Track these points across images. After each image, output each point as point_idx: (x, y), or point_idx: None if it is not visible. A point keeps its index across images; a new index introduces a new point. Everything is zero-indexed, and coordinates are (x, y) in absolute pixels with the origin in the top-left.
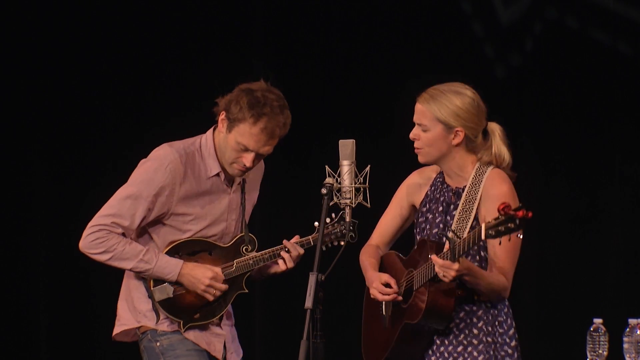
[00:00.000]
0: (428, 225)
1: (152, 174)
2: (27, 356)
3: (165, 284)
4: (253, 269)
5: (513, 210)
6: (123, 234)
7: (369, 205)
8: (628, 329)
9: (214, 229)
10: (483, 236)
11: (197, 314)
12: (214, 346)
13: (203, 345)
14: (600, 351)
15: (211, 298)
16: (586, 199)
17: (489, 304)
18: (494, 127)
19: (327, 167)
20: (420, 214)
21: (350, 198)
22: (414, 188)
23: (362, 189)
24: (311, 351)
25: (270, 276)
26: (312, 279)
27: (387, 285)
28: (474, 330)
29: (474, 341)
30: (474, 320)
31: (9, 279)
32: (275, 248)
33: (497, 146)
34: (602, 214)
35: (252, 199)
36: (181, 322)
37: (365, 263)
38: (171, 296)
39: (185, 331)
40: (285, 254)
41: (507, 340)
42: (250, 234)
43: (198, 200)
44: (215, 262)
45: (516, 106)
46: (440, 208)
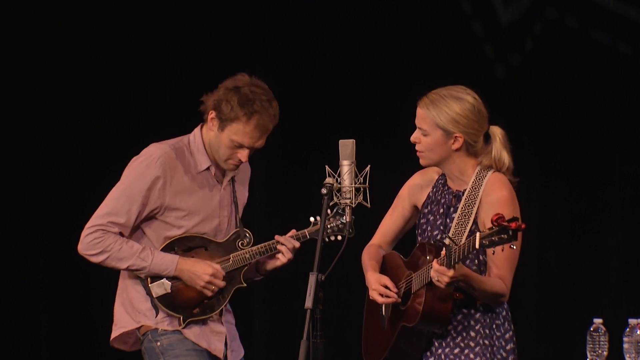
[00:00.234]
0: (429, 227)
1: (144, 169)
2: (27, 356)
3: (163, 280)
4: (250, 263)
5: (507, 221)
6: (120, 234)
7: (369, 205)
8: (628, 329)
9: (207, 226)
10: (477, 246)
11: (196, 309)
12: (214, 345)
13: (203, 345)
14: (600, 351)
15: (210, 294)
16: (586, 199)
17: (487, 308)
18: (495, 131)
19: (327, 167)
20: (422, 215)
21: (350, 198)
22: (416, 189)
23: (362, 189)
24: (311, 351)
25: (268, 272)
26: (312, 279)
27: (387, 287)
28: (472, 333)
29: (471, 344)
30: (472, 323)
31: (9, 279)
32: (272, 241)
33: (497, 150)
34: (602, 214)
35: (242, 198)
36: (181, 318)
37: (366, 264)
38: (169, 292)
39: (185, 327)
40: (281, 246)
41: (503, 343)
42: (245, 228)
43: (190, 196)
44: (211, 257)
45: (516, 106)
46: (441, 210)
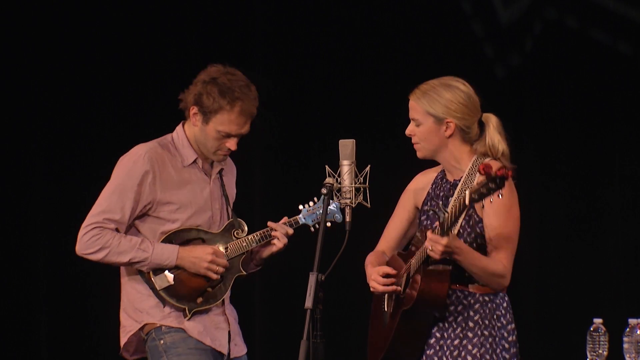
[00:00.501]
0: (429, 221)
1: (132, 165)
2: (27, 356)
3: (165, 272)
4: (247, 251)
5: (494, 169)
6: (116, 230)
7: (369, 205)
8: (628, 329)
9: (200, 218)
10: (467, 201)
11: (199, 299)
12: (218, 341)
13: (207, 342)
14: (600, 351)
15: (214, 276)
16: (586, 199)
17: (487, 298)
18: (489, 118)
19: (327, 167)
20: (422, 212)
21: (350, 198)
22: (417, 191)
23: (362, 189)
24: (311, 351)
25: (265, 260)
26: (312, 279)
27: (387, 276)
28: (470, 324)
29: (469, 334)
30: (471, 313)
31: (9, 279)
32: (266, 229)
33: (491, 137)
34: (602, 214)
35: (232, 193)
36: (186, 308)
37: (367, 263)
38: (172, 283)
39: (189, 322)
40: (275, 232)
41: (504, 334)
42: (238, 218)
43: (180, 189)
44: None
45: (516, 106)
46: (440, 203)
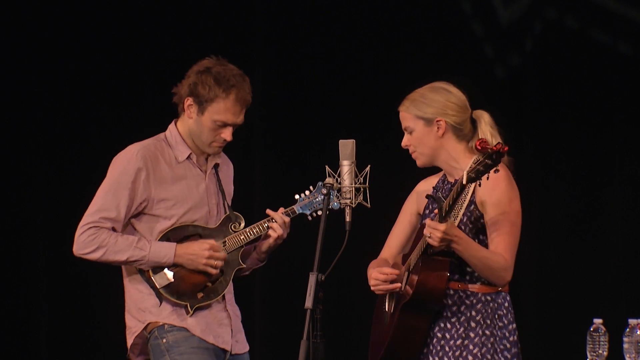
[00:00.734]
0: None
1: (125, 163)
2: (27, 356)
3: (164, 270)
4: (245, 245)
5: (490, 145)
6: (113, 229)
7: (369, 205)
8: (628, 329)
9: (197, 213)
10: (465, 181)
11: (200, 294)
12: (221, 338)
13: (210, 340)
14: (600, 351)
15: (213, 271)
16: (586, 199)
17: (488, 297)
18: (480, 114)
19: (327, 167)
20: (423, 216)
21: (350, 198)
22: (419, 196)
23: (362, 189)
24: (311, 351)
25: (266, 254)
26: (312, 279)
27: (386, 274)
28: (472, 323)
29: (471, 334)
30: (473, 313)
31: (9, 279)
32: (263, 221)
33: (483, 132)
34: (602, 214)
35: (229, 190)
36: (187, 305)
37: (369, 269)
38: (172, 280)
39: (192, 318)
40: (273, 223)
41: (506, 334)
42: (235, 212)
43: (175, 185)
44: None
45: (516, 106)
46: (439, 192)
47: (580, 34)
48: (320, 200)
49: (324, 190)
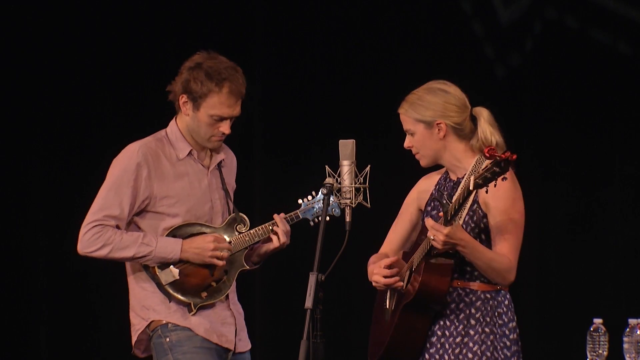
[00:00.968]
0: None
1: (127, 161)
2: (27, 356)
3: (170, 267)
4: (249, 246)
5: (498, 153)
6: (117, 227)
7: (369, 205)
8: (628, 329)
9: (200, 209)
10: (472, 186)
11: (204, 293)
12: (225, 337)
13: (214, 340)
14: (600, 351)
15: (220, 262)
16: (586, 199)
17: (488, 295)
18: (480, 111)
19: (327, 167)
20: (425, 214)
21: (350, 198)
22: (421, 193)
23: (362, 189)
24: (311, 351)
25: (263, 258)
26: (312, 279)
27: (388, 269)
28: (472, 321)
29: (471, 331)
30: (472, 311)
31: (9, 279)
32: (268, 223)
33: (483, 129)
34: (602, 214)
35: (232, 184)
36: (191, 303)
37: (370, 265)
38: (177, 278)
39: (195, 317)
40: (277, 229)
41: (506, 332)
42: (240, 213)
43: (176, 182)
44: None
45: (516, 106)
46: (445, 194)
47: (580, 34)
48: (319, 208)
49: (324, 190)
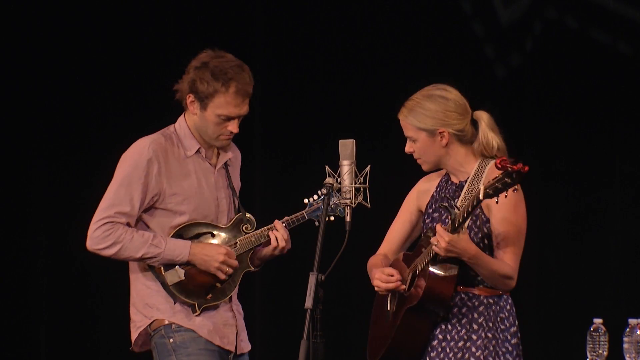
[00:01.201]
0: (434, 224)
1: (137, 157)
2: (27, 356)
3: (176, 268)
4: (255, 246)
5: (510, 164)
6: (127, 224)
7: (369, 205)
8: (628, 329)
9: (207, 208)
10: (482, 196)
11: (209, 295)
12: (227, 339)
13: (216, 342)
14: (600, 351)
15: (223, 276)
16: (586, 199)
17: (491, 300)
18: (480, 115)
19: (327, 167)
20: (426, 215)
21: (350, 198)
22: (421, 194)
23: (362, 189)
24: (311, 351)
25: (262, 261)
26: (312, 279)
27: (391, 276)
28: (474, 326)
29: (473, 336)
30: (475, 315)
31: (9, 279)
32: (270, 225)
33: (484, 134)
34: (602, 214)
35: (237, 183)
36: (195, 304)
37: (371, 266)
38: (183, 279)
39: (199, 317)
40: (276, 233)
41: (508, 337)
42: (247, 213)
43: (184, 180)
44: (219, 242)
45: (516, 106)
46: (452, 201)
47: (580, 34)
48: (329, 207)
49: (324, 190)
